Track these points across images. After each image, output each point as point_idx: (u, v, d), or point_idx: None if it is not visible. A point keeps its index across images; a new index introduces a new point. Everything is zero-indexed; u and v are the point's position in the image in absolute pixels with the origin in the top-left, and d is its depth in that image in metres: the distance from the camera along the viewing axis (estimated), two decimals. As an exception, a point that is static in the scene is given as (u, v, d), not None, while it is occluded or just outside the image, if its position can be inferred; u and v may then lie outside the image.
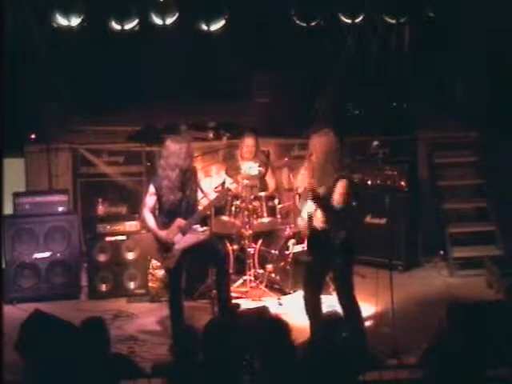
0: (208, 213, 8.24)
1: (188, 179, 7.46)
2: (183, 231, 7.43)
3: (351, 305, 7.07)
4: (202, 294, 8.56)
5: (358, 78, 10.44)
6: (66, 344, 6.42)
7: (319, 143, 6.95)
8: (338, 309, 7.01)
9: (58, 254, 8.85)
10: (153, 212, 7.52)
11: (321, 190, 6.84)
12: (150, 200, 7.48)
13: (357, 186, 7.36)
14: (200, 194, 7.72)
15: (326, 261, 7.02)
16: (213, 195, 7.75)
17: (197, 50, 10.96)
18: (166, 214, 7.47)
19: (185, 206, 7.45)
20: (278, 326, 5.87)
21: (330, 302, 7.84)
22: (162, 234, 7.43)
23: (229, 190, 7.89)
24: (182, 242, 7.43)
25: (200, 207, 7.76)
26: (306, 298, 7.25)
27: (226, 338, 6.80)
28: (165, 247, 7.45)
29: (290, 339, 5.82)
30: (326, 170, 6.86)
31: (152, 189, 7.48)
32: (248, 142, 9.09)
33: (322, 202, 6.82)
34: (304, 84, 10.57)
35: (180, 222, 7.42)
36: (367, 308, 7.49)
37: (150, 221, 7.49)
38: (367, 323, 7.25)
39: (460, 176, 9.97)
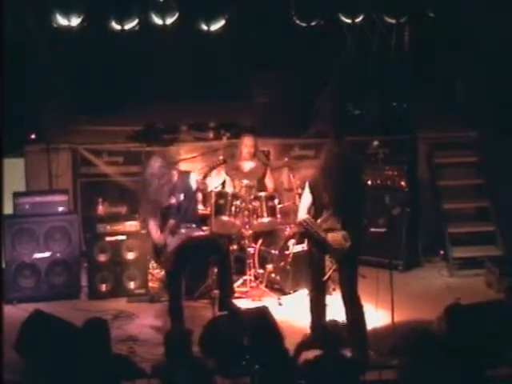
0: (207, 212, 8.24)
1: (175, 184, 7.49)
2: (172, 232, 7.47)
3: (354, 304, 7.08)
4: (202, 294, 8.56)
5: (358, 77, 10.44)
6: (65, 344, 6.44)
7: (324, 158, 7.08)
8: (339, 316, 7.04)
9: (58, 254, 8.85)
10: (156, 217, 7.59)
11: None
12: (149, 206, 7.56)
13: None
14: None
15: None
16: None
17: (197, 50, 10.95)
18: (161, 219, 7.53)
19: (176, 208, 7.48)
20: (268, 327, 5.90)
21: (331, 302, 7.87)
22: (154, 237, 7.51)
23: (204, 183, 7.86)
24: (171, 243, 7.48)
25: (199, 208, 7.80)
26: (311, 298, 7.27)
27: (227, 337, 6.83)
28: (159, 250, 7.50)
29: (280, 339, 5.85)
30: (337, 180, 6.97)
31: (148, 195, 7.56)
32: (247, 142, 9.08)
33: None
34: (304, 84, 10.56)
35: (170, 223, 7.48)
36: (367, 308, 7.49)
37: (152, 225, 7.56)
38: (368, 323, 7.24)
39: (460, 176, 9.96)
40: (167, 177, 7.47)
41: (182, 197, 7.50)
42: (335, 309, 7.41)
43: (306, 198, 7.13)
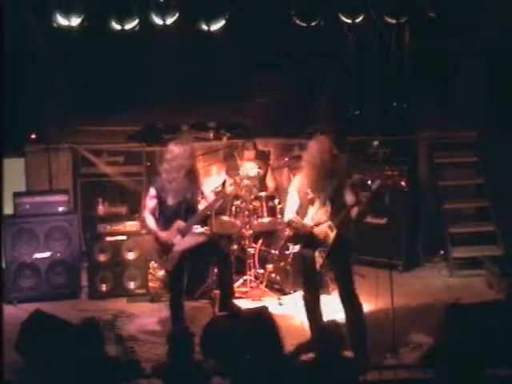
0: (208, 213, 8.23)
1: (191, 181, 7.46)
2: (182, 233, 7.43)
3: (352, 301, 7.07)
4: (202, 294, 8.56)
5: (358, 77, 10.44)
6: (65, 344, 6.44)
7: (313, 149, 7.02)
8: (338, 315, 7.03)
9: (58, 254, 8.85)
10: (153, 214, 7.52)
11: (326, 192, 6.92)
12: (151, 202, 7.50)
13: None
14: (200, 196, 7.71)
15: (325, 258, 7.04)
16: (211, 197, 7.73)
17: (197, 50, 10.95)
18: (166, 217, 7.47)
19: (185, 208, 7.45)
20: (268, 327, 5.91)
21: (330, 302, 7.87)
22: (162, 235, 7.43)
23: (225, 192, 7.89)
24: (181, 244, 7.43)
25: (200, 207, 7.75)
26: (305, 299, 7.25)
27: (227, 337, 6.83)
28: (164, 249, 7.45)
29: (277, 339, 5.85)
30: (322, 174, 6.92)
31: (153, 191, 7.49)
32: (248, 156, 9.17)
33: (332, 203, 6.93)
34: (304, 84, 10.56)
35: (179, 224, 7.42)
36: (367, 307, 7.50)
37: (151, 222, 7.50)
38: (368, 322, 7.23)
39: (460, 176, 9.96)
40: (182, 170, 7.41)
41: (189, 195, 7.47)
42: (335, 309, 7.41)
43: (294, 200, 7.10)
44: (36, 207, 8.94)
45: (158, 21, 9.40)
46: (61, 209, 9.02)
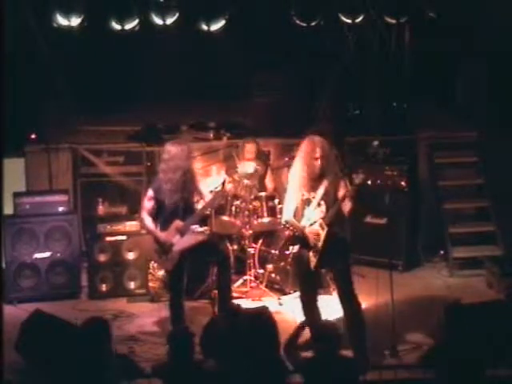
0: (207, 213, 8.23)
1: (187, 180, 7.46)
2: (181, 233, 7.43)
3: (351, 301, 7.06)
4: (202, 294, 8.56)
5: (358, 77, 10.44)
6: (66, 344, 6.44)
7: (304, 150, 7.01)
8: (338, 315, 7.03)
9: (58, 254, 8.85)
10: (151, 214, 7.51)
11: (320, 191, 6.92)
12: (148, 203, 7.49)
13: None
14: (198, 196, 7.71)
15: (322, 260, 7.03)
16: (209, 196, 7.73)
17: (197, 50, 10.95)
18: (164, 217, 7.47)
19: (183, 208, 7.45)
20: (268, 327, 5.91)
21: (331, 302, 7.87)
22: (161, 235, 7.43)
23: (224, 191, 7.90)
24: (180, 243, 7.43)
25: (198, 207, 7.75)
26: (302, 299, 7.25)
27: (227, 337, 6.82)
28: (163, 249, 7.45)
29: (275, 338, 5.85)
30: (315, 174, 6.92)
31: (151, 192, 7.49)
32: (249, 149, 9.16)
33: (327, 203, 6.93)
34: (304, 84, 10.57)
35: (178, 223, 7.41)
36: (367, 308, 7.49)
37: (149, 223, 7.50)
38: (368, 322, 7.23)
39: (460, 176, 9.96)
40: (178, 172, 7.40)
41: (186, 195, 7.47)
42: (336, 309, 7.41)
43: (292, 201, 7.09)
44: (36, 207, 8.94)
45: (158, 21, 9.40)
46: (61, 209, 9.02)
